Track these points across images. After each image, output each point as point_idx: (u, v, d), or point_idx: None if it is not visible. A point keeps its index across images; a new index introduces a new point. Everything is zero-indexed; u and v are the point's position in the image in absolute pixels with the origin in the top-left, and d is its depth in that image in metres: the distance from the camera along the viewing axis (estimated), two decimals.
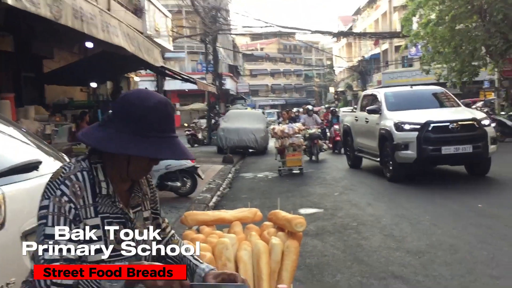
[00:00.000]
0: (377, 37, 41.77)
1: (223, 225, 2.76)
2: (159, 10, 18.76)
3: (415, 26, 23.79)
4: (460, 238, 6.61)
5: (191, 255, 1.96)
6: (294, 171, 13.58)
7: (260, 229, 2.72)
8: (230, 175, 14.41)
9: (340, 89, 66.70)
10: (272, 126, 15.25)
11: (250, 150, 20.37)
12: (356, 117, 13.80)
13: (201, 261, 1.96)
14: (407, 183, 10.62)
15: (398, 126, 10.71)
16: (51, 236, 1.53)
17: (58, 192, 1.58)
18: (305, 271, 5.58)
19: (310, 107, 19.84)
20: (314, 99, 76.94)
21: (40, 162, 3.10)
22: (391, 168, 11.16)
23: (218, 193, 11.44)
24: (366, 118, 12.61)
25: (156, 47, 11.67)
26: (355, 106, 14.95)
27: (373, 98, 12.85)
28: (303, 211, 8.89)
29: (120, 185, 1.75)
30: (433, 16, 21.63)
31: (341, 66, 66.43)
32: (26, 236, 2.73)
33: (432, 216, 7.94)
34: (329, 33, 35.26)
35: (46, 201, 1.58)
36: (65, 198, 1.58)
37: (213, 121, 25.47)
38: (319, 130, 17.25)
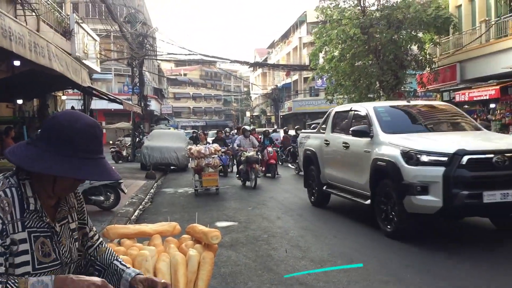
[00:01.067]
0: (288, 68, 43.09)
1: (144, 238, 2.70)
2: (88, 33, 18.20)
3: (321, 61, 24.85)
4: (357, 250, 6.88)
5: (118, 261, 1.92)
6: (210, 191, 13.05)
7: (178, 241, 2.69)
8: (152, 190, 14.08)
9: (255, 114, 67.85)
10: (189, 147, 14.04)
11: (172, 167, 20.08)
12: (326, 140, 9.44)
13: (128, 265, 1.92)
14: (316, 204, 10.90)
15: (410, 157, 6.52)
16: None
17: None
18: (219, 279, 5.56)
19: (247, 127, 17.19)
20: (232, 122, 77.52)
21: None
22: (394, 218, 6.98)
23: (140, 207, 11.13)
24: (345, 143, 8.49)
25: (84, 68, 11.28)
26: (322, 125, 10.20)
27: (354, 116, 8.70)
28: (219, 224, 8.86)
29: (47, 200, 1.70)
30: (336, 53, 22.71)
31: (257, 93, 67.71)
32: None
33: (334, 230, 8.20)
34: (247, 63, 35.90)
35: None
36: None
37: (137, 139, 24.87)
38: (257, 153, 14.64)
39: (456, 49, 22.35)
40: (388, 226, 7.18)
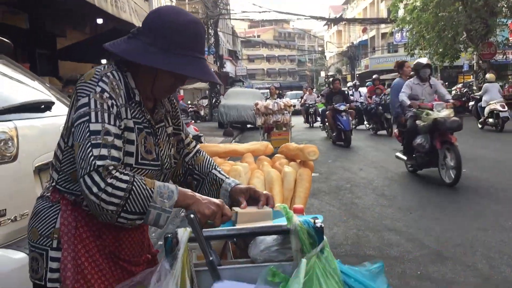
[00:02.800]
0: (366, 23, 41.30)
1: (235, 158, 2.59)
2: None
3: (401, 12, 23.46)
4: (448, 197, 6.47)
5: (216, 170, 1.82)
6: None
7: (271, 160, 2.56)
8: None
9: (330, 73, 66.35)
10: (255, 102, 12.13)
11: (248, 126, 20.19)
12: None
13: (227, 176, 1.80)
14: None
15: None
16: (97, 132, 1.35)
17: (98, 89, 1.40)
18: None
19: (423, 60, 11.95)
20: (306, 83, 76.51)
21: (53, 103, 2.90)
22: None
23: None
24: None
25: None
26: None
27: None
28: None
29: (145, 102, 1.58)
30: (418, 2, 21.31)
31: (332, 52, 65.96)
32: (39, 171, 2.54)
33: (424, 181, 7.80)
34: (322, 18, 34.80)
35: (85, 99, 1.39)
36: (106, 94, 1.40)
37: (214, 99, 25.22)
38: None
39: None
40: None
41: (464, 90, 21.06)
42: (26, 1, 8.83)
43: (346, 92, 14.39)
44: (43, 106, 2.69)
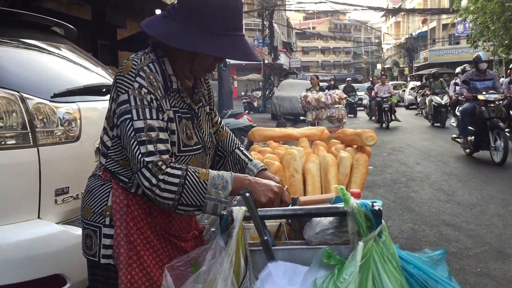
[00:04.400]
0: (426, 13, 39.82)
1: (290, 143, 2.57)
2: None
3: (464, 1, 22.45)
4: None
5: (240, 150, 1.78)
6: None
7: (327, 145, 2.51)
8: None
9: (387, 66, 64.62)
10: (303, 94, 10.66)
11: (302, 118, 20.06)
12: None
13: (250, 157, 1.75)
14: (456, 145, 10.04)
15: None
16: (141, 130, 1.36)
17: (136, 85, 1.39)
18: None
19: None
20: (361, 75, 75.05)
21: None
22: None
23: None
24: None
25: None
26: None
27: None
28: None
29: (185, 81, 1.57)
30: None
31: (389, 43, 64.15)
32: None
33: (483, 175, 7.46)
34: (380, 9, 33.90)
35: (124, 95, 1.38)
36: (144, 89, 1.39)
37: (267, 91, 25.24)
38: None
39: None
40: None
41: None
42: None
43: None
44: (104, 90, 2.77)
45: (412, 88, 25.92)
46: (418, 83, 26.87)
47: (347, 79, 24.94)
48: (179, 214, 1.42)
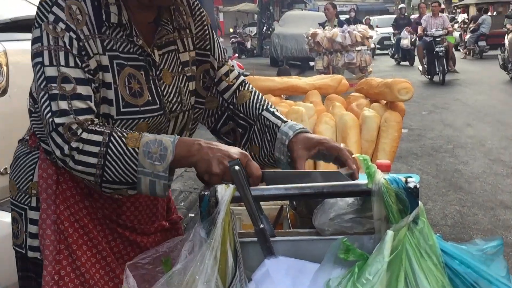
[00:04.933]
0: None
1: (296, 98, 2.55)
2: None
3: None
4: None
5: (269, 111, 1.68)
6: None
7: (346, 100, 2.51)
8: None
9: None
10: (311, 31, 9.34)
11: (312, 63, 19.93)
12: None
13: (284, 118, 1.67)
14: None
15: None
16: (53, 79, 1.34)
17: (51, 17, 1.36)
18: None
19: None
20: (393, 4, 74.31)
21: None
22: None
23: None
24: None
25: None
26: None
27: None
28: None
29: (139, 13, 1.50)
30: None
31: None
32: None
33: None
34: None
35: (36, 31, 1.37)
36: (62, 25, 1.35)
37: (265, 27, 25.00)
38: None
39: None
40: None
41: None
42: None
43: None
44: None
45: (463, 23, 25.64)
46: (465, 16, 26.68)
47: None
48: (121, 197, 1.42)
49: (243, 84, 1.75)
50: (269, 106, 1.70)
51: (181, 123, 1.62)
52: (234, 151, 1.35)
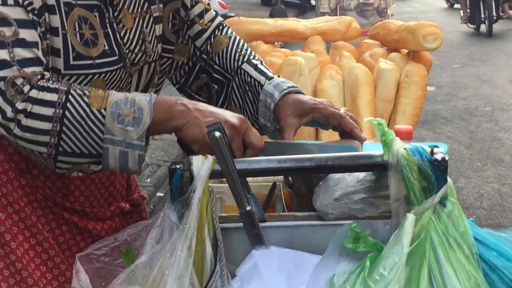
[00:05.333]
0: None
1: (293, 45, 2.53)
2: None
3: None
4: None
5: (251, 64, 1.71)
6: None
7: (357, 49, 2.51)
8: None
9: None
10: None
11: (313, 2, 19.85)
12: None
13: (270, 73, 1.70)
14: None
15: None
16: None
17: None
18: None
19: None
20: None
21: None
22: None
23: None
24: None
25: None
26: None
27: None
28: None
29: None
30: None
31: None
32: None
33: None
34: None
35: None
36: None
37: None
38: None
39: None
40: None
41: None
42: None
43: None
44: None
45: None
46: None
47: None
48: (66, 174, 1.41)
49: (220, 27, 1.77)
50: (251, 57, 1.73)
51: (146, 78, 1.63)
52: (230, 114, 1.37)
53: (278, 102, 1.58)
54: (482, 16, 13.78)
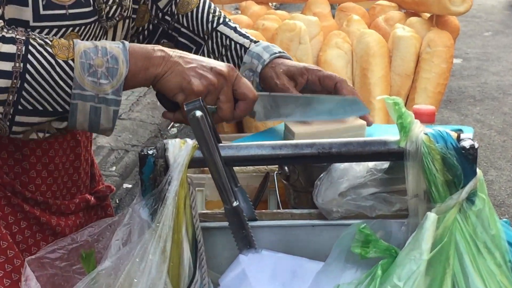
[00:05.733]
0: None
1: (290, 6, 2.52)
2: None
3: None
4: None
5: (228, 26, 1.79)
6: None
7: (369, 12, 2.51)
8: None
9: None
10: None
11: None
12: None
13: (251, 37, 1.77)
14: None
15: None
16: None
17: None
18: None
19: None
20: None
21: None
22: None
23: None
24: None
25: None
26: None
27: None
28: None
29: None
30: None
31: None
32: None
33: None
34: None
35: None
36: None
37: None
38: None
39: None
40: None
41: None
42: None
43: None
44: None
45: None
46: None
47: None
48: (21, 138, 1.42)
49: None
50: (226, 19, 1.80)
51: (120, 37, 1.65)
52: (216, 62, 1.43)
53: (268, 64, 1.66)
54: None
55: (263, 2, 2.63)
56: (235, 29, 1.79)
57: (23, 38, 1.33)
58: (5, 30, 1.33)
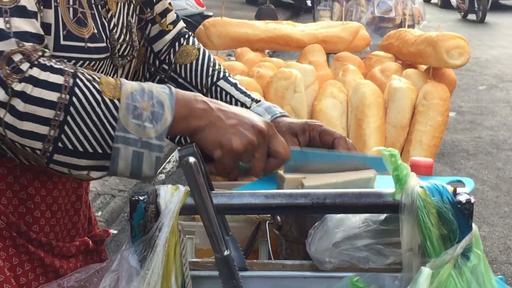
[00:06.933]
0: None
1: (286, 54, 2.54)
2: None
3: None
4: None
5: (228, 82, 1.78)
6: None
7: (365, 62, 2.51)
8: None
9: None
10: None
11: (309, 2, 20.03)
12: None
13: (250, 95, 1.77)
14: None
15: None
16: None
17: None
18: None
19: None
20: None
21: None
22: None
23: None
24: None
25: None
26: None
27: None
28: None
29: None
30: None
31: None
32: None
33: None
34: None
35: None
36: None
37: None
38: None
39: None
40: None
41: None
42: None
43: None
44: None
45: None
46: None
47: None
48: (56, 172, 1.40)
49: (185, 36, 1.84)
50: (227, 74, 1.79)
51: (130, 76, 1.68)
52: (256, 117, 1.44)
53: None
54: (475, 5, 15.32)
55: (259, 49, 2.63)
56: (235, 86, 1.78)
57: (72, 70, 1.33)
58: (53, 60, 1.33)
